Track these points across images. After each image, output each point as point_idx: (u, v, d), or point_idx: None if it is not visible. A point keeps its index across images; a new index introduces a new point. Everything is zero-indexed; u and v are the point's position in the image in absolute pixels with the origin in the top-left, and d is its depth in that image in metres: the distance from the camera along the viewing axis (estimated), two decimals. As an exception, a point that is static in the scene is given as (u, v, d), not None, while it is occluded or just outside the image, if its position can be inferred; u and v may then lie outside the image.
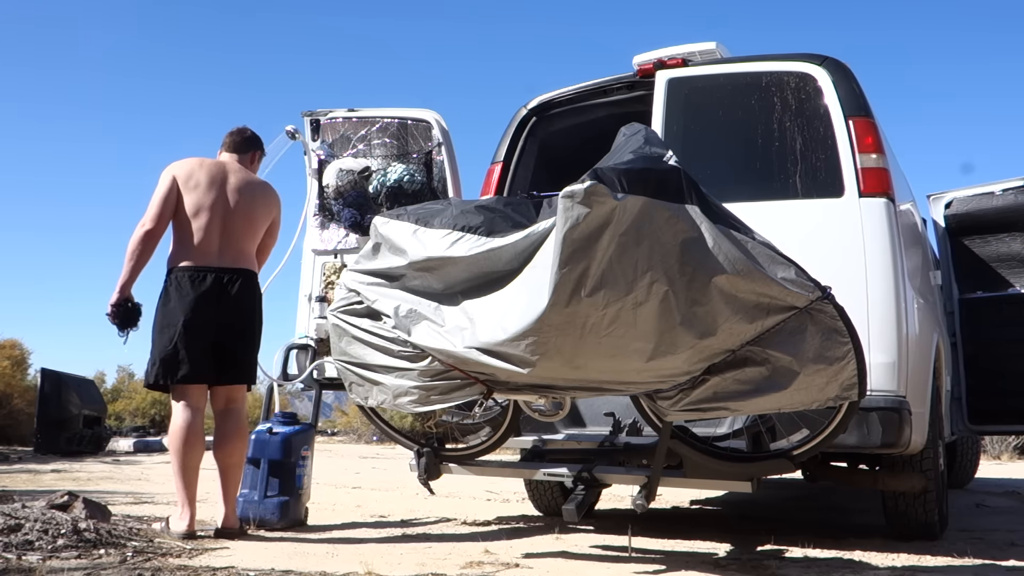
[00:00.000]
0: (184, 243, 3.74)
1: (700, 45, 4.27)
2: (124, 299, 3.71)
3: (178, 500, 3.65)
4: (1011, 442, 13.05)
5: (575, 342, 2.66)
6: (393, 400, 3.15)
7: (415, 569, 3.04)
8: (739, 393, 2.83)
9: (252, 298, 3.82)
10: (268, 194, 3.99)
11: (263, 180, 4.08)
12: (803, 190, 3.76)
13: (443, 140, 4.91)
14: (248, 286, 3.80)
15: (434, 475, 3.75)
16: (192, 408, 3.66)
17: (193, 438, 3.62)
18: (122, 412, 19.66)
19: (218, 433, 3.77)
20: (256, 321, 3.86)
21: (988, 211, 5.84)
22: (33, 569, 2.71)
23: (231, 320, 3.72)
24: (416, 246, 3.01)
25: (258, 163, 4.14)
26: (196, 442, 3.63)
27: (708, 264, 2.58)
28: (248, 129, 4.10)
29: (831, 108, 3.76)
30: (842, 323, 2.72)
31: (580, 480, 3.48)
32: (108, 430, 12.15)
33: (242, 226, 3.81)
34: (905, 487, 3.77)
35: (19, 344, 13.78)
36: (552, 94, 4.76)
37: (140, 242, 3.69)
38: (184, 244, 3.74)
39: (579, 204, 2.44)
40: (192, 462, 3.63)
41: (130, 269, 3.70)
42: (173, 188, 3.74)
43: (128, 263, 3.70)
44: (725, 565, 3.31)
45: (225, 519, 3.68)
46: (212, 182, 3.78)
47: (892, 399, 3.45)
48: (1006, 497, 6.68)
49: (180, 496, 3.63)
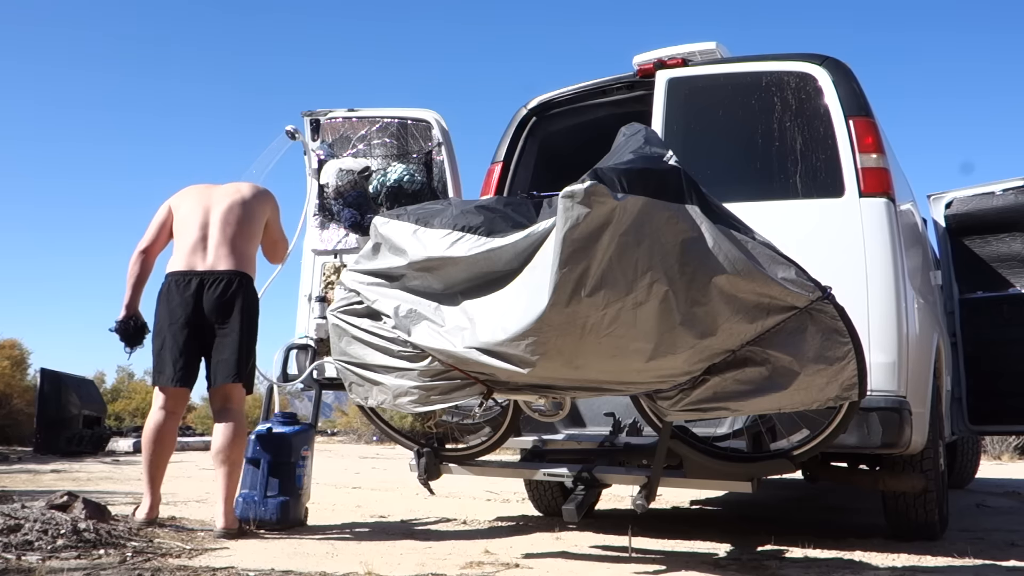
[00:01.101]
0: (175, 252, 3.95)
1: (700, 45, 4.27)
2: (128, 316, 4.00)
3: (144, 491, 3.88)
4: (1011, 442, 13.06)
5: (575, 342, 2.66)
6: (393, 400, 3.15)
7: (415, 569, 3.04)
8: (739, 393, 2.83)
9: (238, 298, 3.84)
10: (255, 193, 4.06)
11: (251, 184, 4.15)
12: (803, 190, 3.76)
13: (443, 140, 4.91)
14: (233, 287, 3.83)
15: (434, 475, 3.75)
16: (164, 410, 3.85)
17: (160, 438, 3.83)
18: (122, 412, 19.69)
19: (215, 433, 3.80)
20: (243, 320, 3.84)
21: (988, 211, 5.84)
22: (33, 569, 2.71)
23: (213, 321, 3.82)
24: (416, 246, 3.01)
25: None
26: (163, 441, 3.84)
27: (708, 264, 2.58)
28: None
29: (831, 108, 3.76)
30: (842, 323, 2.72)
31: (580, 480, 3.48)
32: (108, 430, 12.15)
33: (228, 230, 3.90)
34: (905, 487, 3.77)
35: (19, 344, 13.80)
36: (552, 94, 4.76)
37: (134, 261, 4.00)
38: (175, 253, 3.95)
39: (579, 204, 2.44)
40: (156, 459, 3.83)
41: (130, 287, 4.01)
42: (166, 210, 4.04)
43: (128, 282, 4.01)
44: (725, 565, 3.31)
45: (224, 519, 3.68)
46: (199, 195, 4.02)
47: (892, 399, 3.45)
48: (1006, 497, 6.68)
49: (144, 487, 3.86)
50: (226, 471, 3.72)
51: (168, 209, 4.03)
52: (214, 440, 3.78)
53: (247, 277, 3.91)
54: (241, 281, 3.86)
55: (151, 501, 3.82)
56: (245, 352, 3.85)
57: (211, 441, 3.83)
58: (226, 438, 3.75)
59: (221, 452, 3.74)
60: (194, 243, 3.88)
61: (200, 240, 3.88)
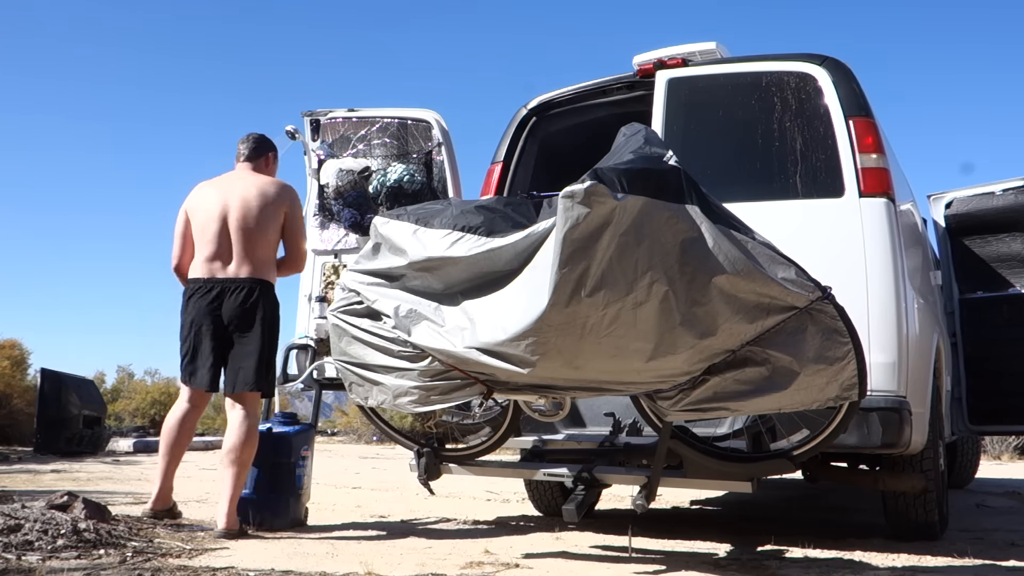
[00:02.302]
0: (196, 257, 3.94)
1: (700, 45, 4.27)
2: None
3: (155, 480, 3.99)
4: (1011, 442, 13.05)
5: (575, 342, 2.66)
6: (393, 400, 3.15)
7: (415, 569, 3.04)
8: (739, 393, 2.83)
9: (259, 307, 3.84)
10: (273, 191, 3.97)
11: (271, 179, 4.09)
12: (803, 190, 3.76)
13: (443, 140, 4.91)
14: (254, 296, 3.83)
15: (434, 475, 3.75)
16: (186, 402, 3.95)
17: (178, 425, 3.93)
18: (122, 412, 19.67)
19: (227, 433, 3.82)
20: (264, 330, 3.84)
21: (988, 211, 5.84)
22: (33, 569, 2.71)
23: (233, 330, 3.84)
24: (416, 246, 3.01)
25: (274, 164, 4.24)
26: (181, 429, 3.94)
27: (708, 264, 2.58)
28: (255, 135, 4.18)
29: (831, 108, 3.76)
30: (842, 323, 2.72)
31: (580, 480, 3.48)
32: (108, 430, 12.13)
33: (247, 234, 3.86)
34: (905, 487, 3.77)
35: (19, 344, 13.77)
36: (552, 94, 4.76)
37: (178, 278, 4.06)
38: (196, 258, 3.94)
39: (579, 204, 2.44)
40: (174, 448, 3.92)
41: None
42: (184, 220, 4.02)
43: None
44: (725, 565, 3.31)
45: (226, 520, 3.67)
46: (215, 199, 3.94)
47: (892, 399, 3.45)
48: (1006, 497, 6.68)
49: (157, 476, 3.97)
50: (234, 472, 3.72)
51: (185, 216, 4.01)
52: (226, 439, 3.78)
53: (267, 284, 3.91)
54: (262, 289, 3.87)
55: (156, 490, 3.92)
56: (265, 362, 3.87)
57: (223, 440, 3.83)
58: (239, 438, 3.75)
59: (232, 452, 3.73)
60: (213, 250, 3.87)
61: (218, 247, 3.87)
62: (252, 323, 3.82)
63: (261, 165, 4.11)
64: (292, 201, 4.02)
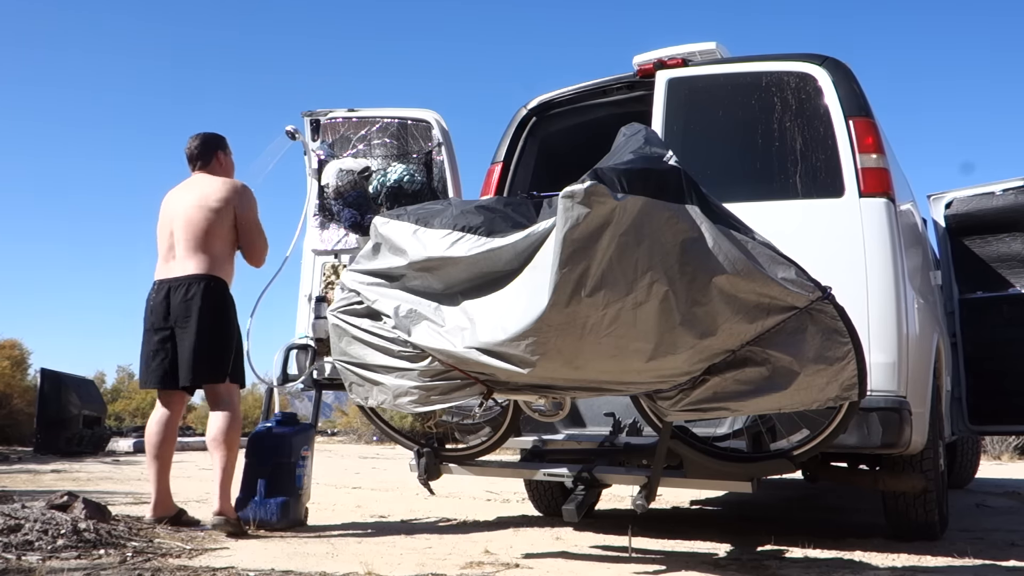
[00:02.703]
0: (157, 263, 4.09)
1: (700, 45, 4.27)
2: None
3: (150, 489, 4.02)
4: (1011, 442, 13.05)
5: (575, 342, 2.66)
6: (393, 400, 3.15)
7: (415, 569, 3.05)
8: (739, 393, 2.83)
9: (195, 301, 3.88)
10: (216, 192, 4.01)
11: (219, 180, 4.09)
12: (803, 190, 3.75)
13: (443, 140, 4.90)
14: (192, 291, 3.89)
15: (434, 475, 3.75)
16: (161, 406, 4.03)
17: (157, 431, 3.97)
18: (122, 412, 19.68)
19: (208, 424, 3.95)
20: (200, 322, 3.87)
21: (988, 211, 5.84)
22: (33, 569, 2.71)
23: (181, 326, 3.91)
24: (416, 246, 3.01)
25: (227, 157, 4.25)
26: (162, 434, 3.97)
27: (708, 264, 2.58)
28: (196, 138, 4.21)
29: (831, 108, 3.76)
30: (842, 323, 2.72)
31: (580, 480, 3.48)
32: (108, 430, 12.13)
33: (190, 234, 3.96)
34: (905, 487, 3.77)
35: (19, 344, 13.78)
36: (552, 94, 4.76)
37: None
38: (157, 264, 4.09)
39: (579, 204, 2.44)
40: (157, 452, 3.96)
41: None
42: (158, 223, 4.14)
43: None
44: (725, 565, 3.31)
45: (219, 503, 3.76)
46: (167, 207, 4.10)
47: (892, 399, 3.45)
48: (1006, 497, 6.68)
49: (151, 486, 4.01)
50: (221, 454, 3.82)
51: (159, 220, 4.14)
52: (208, 430, 3.93)
53: (209, 278, 3.93)
54: (204, 283, 3.91)
55: (153, 498, 3.93)
56: (206, 352, 3.89)
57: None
58: (218, 426, 3.87)
59: (215, 438, 3.86)
60: (164, 252, 4.03)
61: (169, 249, 4.02)
62: (190, 316, 3.88)
63: (215, 166, 4.17)
64: (240, 198, 4.06)
